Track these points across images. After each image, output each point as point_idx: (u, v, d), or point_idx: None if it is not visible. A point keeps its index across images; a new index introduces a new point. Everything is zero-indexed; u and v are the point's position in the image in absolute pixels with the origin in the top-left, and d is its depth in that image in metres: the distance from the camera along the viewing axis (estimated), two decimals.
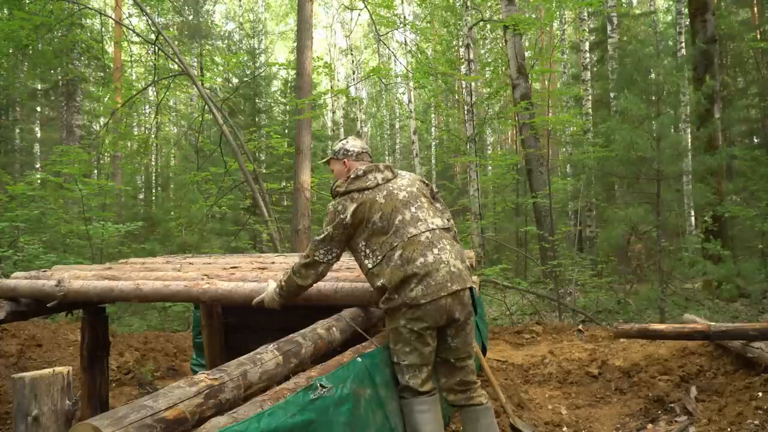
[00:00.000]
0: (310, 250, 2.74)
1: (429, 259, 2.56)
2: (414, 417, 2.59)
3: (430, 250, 2.59)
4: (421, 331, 2.56)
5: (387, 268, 2.59)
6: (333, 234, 2.69)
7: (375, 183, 2.71)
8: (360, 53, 27.71)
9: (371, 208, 2.65)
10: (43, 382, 2.02)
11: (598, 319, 7.70)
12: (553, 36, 21.25)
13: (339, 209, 2.69)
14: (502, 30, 13.23)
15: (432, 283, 2.53)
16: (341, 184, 2.75)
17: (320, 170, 15.72)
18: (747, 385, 3.99)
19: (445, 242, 2.65)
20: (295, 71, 10.42)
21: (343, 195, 2.72)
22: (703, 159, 8.47)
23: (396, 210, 2.65)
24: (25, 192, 8.38)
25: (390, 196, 2.69)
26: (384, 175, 2.75)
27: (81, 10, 11.61)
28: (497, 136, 27.56)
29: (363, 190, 2.69)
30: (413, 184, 2.79)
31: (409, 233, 2.60)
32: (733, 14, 15.23)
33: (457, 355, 2.69)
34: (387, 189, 2.71)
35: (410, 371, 2.60)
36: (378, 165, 2.78)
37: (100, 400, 3.86)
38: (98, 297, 3.29)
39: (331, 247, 2.71)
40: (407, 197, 2.70)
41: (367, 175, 2.72)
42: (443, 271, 2.56)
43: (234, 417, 1.67)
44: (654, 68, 8.00)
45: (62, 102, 15.11)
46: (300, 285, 2.76)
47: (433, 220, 2.69)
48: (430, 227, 2.65)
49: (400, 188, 2.73)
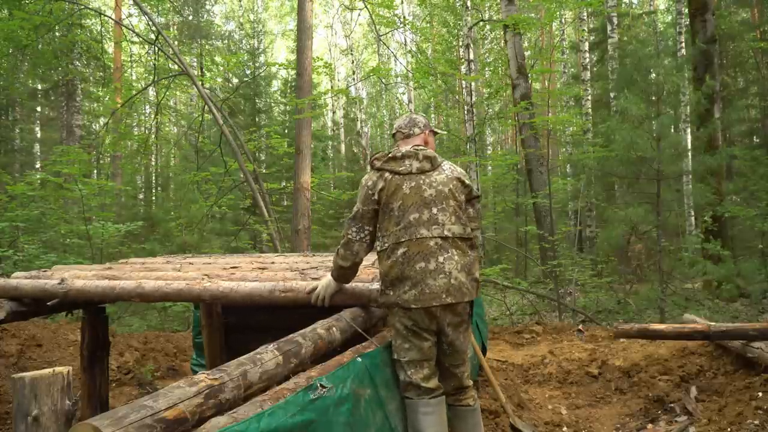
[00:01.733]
0: (345, 228, 2.73)
1: (430, 266, 2.53)
2: (418, 419, 2.56)
3: (435, 257, 2.55)
4: (416, 329, 2.58)
5: (388, 261, 2.59)
6: (363, 210, 2.67)
7: (408, 170, 2.65)
8: (360, 53, 27.71)
9: (394, 194, 2.62)
10: (43, 382, 2.02)
11: (598, 319, 7.70)
12: (553, 36, 21.26)
13: (369, 184, 2.67)
14: (502, 30, 13.23)
15: (426, 291, 2.51)
16: (379, 157, 2.73)
17: (320, 170, 15.70)
18: (747, 385, 3.99)
19: (454, 252, 2.58)
20: (295, 71, 10.42)
21: (376, 170, 2.70)
22: (703, 159, 8.47)
23: (415, 206, 2.60)
24: (25, 192, 8.37)
25: (417, 189, 2.62)
26: (421, 165, 2.66)
27: (81, 10, 11.61)
28: (497, 136, 27.56)
29: (395, 172, 2.65)
30: (448, 182, 2.68)
31: (419, 234, 2.56)
32: (733, 14, 15.22)
33: (450, 361, 2.69)
34: (416, 181, 2.64)
35: (411, 367, 2.60)
36: (418, 153, 2.68)
37: (100, 400, 3.86)
38: (99, 297, 3.29)
39: (363, 224, 2.67)
40: (433, 196, 2.62)
41: (404, 160, 2.67)
42: (441, 282, 2.52)
43: (234, 417, 1.67)
44: (654, 68, 8.00)
45: (62, 102, 15.12)
46: (342, 266, 2.73)
47: (452, 226, 2.61)
48: (444, 233, 2.58)
49: (431, 184, 2.64)
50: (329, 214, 14.36)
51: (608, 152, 8.77)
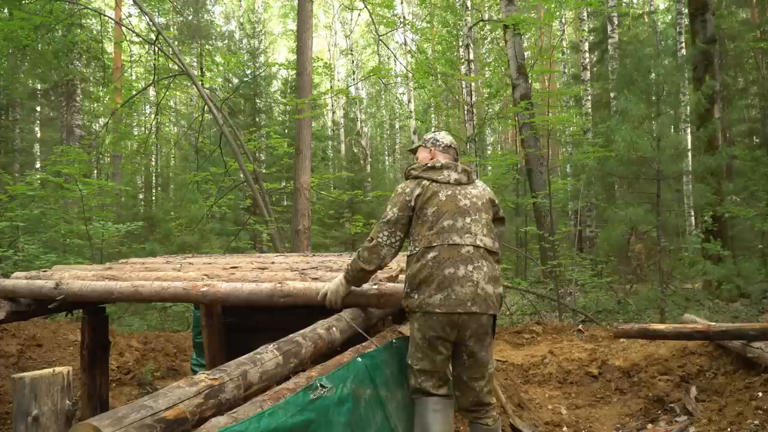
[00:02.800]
0: (375, 232, 2.72)
1: (459, 273, 2.55)
2: (427, 415, 2.58)
3: (465, 265, 2.56)
4: (432, 339, 2.58)
5: (417, 264, 2.61)
6: (398, 216, 2.69)
7: (446, 180, 2.71)
8: (360, 53, 27.71)
9: (430, 200, 2.66)
10: (43, 382, 2.02)
11: (598, 319, 7.69)
12: (553, 36, 21.25)
13: (406, 191, 2.71)
14: (502, 30, 13.22)
15: (452, 296, 2.52)
16: (417, 167, 2.77)
17: (320, 170, 15.69)
18: (747, 385, 3.99)
19: (484, 263, 2.61)
20: (295, 71, 10.41)
21: (414, 178, 2.75)
22: (703, 159, 8.47)
23: (449, 213, 2.63)
24: (25, 192, 8.37)
25: (452, 198, 2.67)
26: (459, 176, 2.74)
27: (81, 10, 11.61)
28: (497, 136, 27.57)
29: (432, 181, 2.70)
30: (482, 197, 2.75)
31: (452, 240, 2.59)
32: (733, 14, 15.21)
33: (470, 374, 2.66)
34: (453, 190, 2.70)
35: (422, 375, 2.63)
36: (457, 165, 2.76)
37: (100, 400, 3.86)
38: (100, 297, 3.29)
39: (395, 230, 2.68)
40: (468, 206, 2.67)
41: (443, 170, 2.73)
42: (468, 290, 2.53)
43: (234, 417, 1.67)
44: (654, 68, 8.00)
45: (62, 102, 15.12)
46: (363, 269, 2.71)
47: (483, 238, 2.65)
48: (476, 243, 2.61)
49: (466, 196, 2.70)
50: (329, 214, 14.34)
51: (608, 152, 8.77)
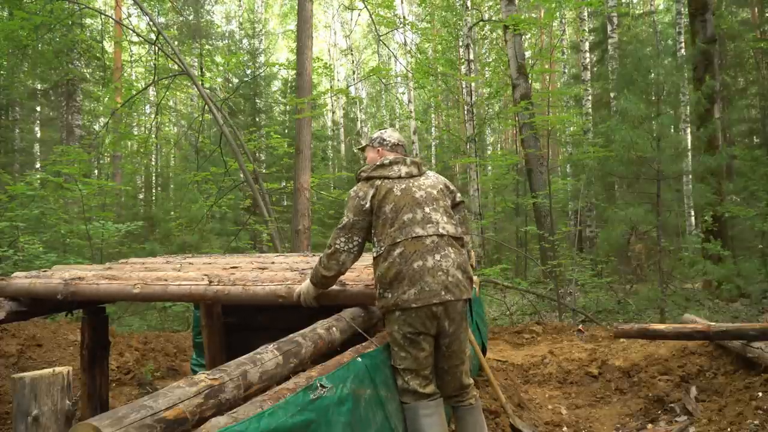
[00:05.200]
0: (332, 238, 2.71)
1: (428, 264, 2.54)
2: (419, 421, 2.57)
3: (432, 255, 2.56)
4: (414, 336, 2.57)
5: (384, 263, 2.59)
6: (354, 221, 2.67)
7: (397, 175, 2.70)
8: (360, 53, 27.70)
9: (386, 198, 2.64)
10: (43, 382, 2.02)
11: (598, 319, 7.69)
12: (553, 36, 21.24)
13: (360, 195, 2.69)
14: (502, 30, 13.22)
15: (426, 288, 2.52)
16: (366, 169, 2.77)
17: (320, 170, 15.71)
18: (747, 385, 3.99)
19: (450, 250, 2.60)
20: (295, 71, 10.41)
21: (365, 180, 2.74)
22: (703, 159, 8.47)
23: (408, 206, 2.62)
24: (25, 192, 8.37)
25: (407, 191, 2.66)
26: (409, 169, 2.73)
27: (81, 10, 11.61)
28: (497, 136, 27.56)
29: (384, 178, 2.69)
30: (436, 186, 2.75)
31: (414, 233, 2.57)
32: (733, 14, 15.22)
33: (450, 363, 2.69)
34: (407, 184, 2.69)
35: (408, 374, 2.60)
36: (405, 159, 2.77)
37: (100, 400, 3.86)
38: (101, 298, 3.29)
39: (352, 234, 2.67)
40: (424, 197, 2.67)
41: (392, 166, 2.72)
42: (439, 279, 2.53)
43: (234, 417, 1.67)
44: (654, 68, 8.00)
45: (62, 102, 15.10)
46: (324, 275, 2.72)
47: (446, 225, 2.65)
48: (439, 232, 2.61)
49: (420, 187, 2.70)
50: (329, 214, 14.34)
51: (608, 152, 8.77)
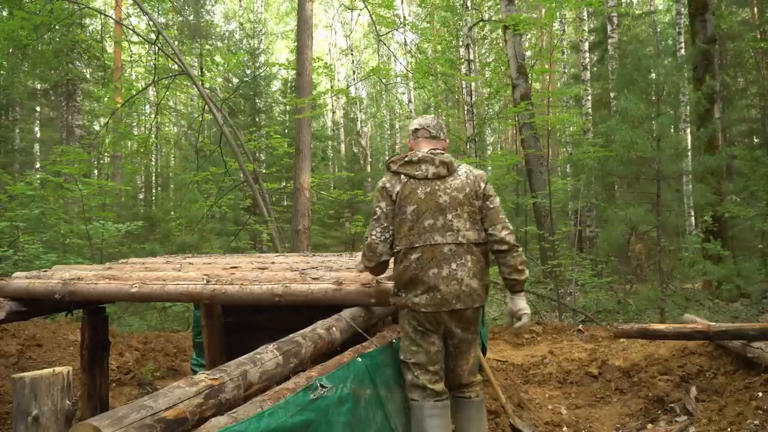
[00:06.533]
0: (368, 231, 2.72)
1: (443, 272, 2.57)
2: (424, 421, 2.58)
3: (448, 263, 2.58)
4: (423, 330, 2.63)
5: (401, 264, 2.63)
6: (386, 210, 2.67)
7: (424, 175, 2.66)
8: (360, 53, 27.70)
9: (409, 197, 2.63)
10: (43, 382, 2.02)
11: (598, 319, 7.69)
12: (553, 36, 21.24)
13: (387, 186, 2.69)
14: (502, 30, 13.22)
15: (438, 296, 2.56)
16: (396, 160, 2.74)
17: (320, 170, 15.69)
18: (747, 385, 3.99)
19: (468, 258, 2.61)
20: (295, 71, 10.41)
21: (393, 173, 2.72)
22: (703, 159, 8.47)
23: (429, 212, 2.61)
24: (25, 192, 8.37)
25: (431, 195, 2.63)
26: (437, 170, 2.67)
27: (81, 10, 11.60)
28: (497, 136, 27.56)
29: (411, 176, 2.67)
30: (463, 188, 2.66)
31: (433, 240, 2.59)
32: (733, 14, 15.21)
33: (455, 362, 2.74)
34: (432, 186, 2.65)
35: (417, 369, 2.64)
36: (434, 158, 2.68)
37: (100, 400, 3.86)
38: (100, 297, 3.30)
39: (387, 224, 2.67)
40: (448, 202, 2.63)
41: (420, 164, 2.68)
42: (452, 288, 2.57)
43: (234, 417, 1.67)
44: (654, 68, 8.00)
45: (62, 102, 15.11)
46: (367, 266, 2.75)
47: (466, 232, 2.62)
48: (458, 240, 2.60)
49: (446, 190, 2.65)
50: (329, 214, 14.34)
51: (608, 152, 8.77)
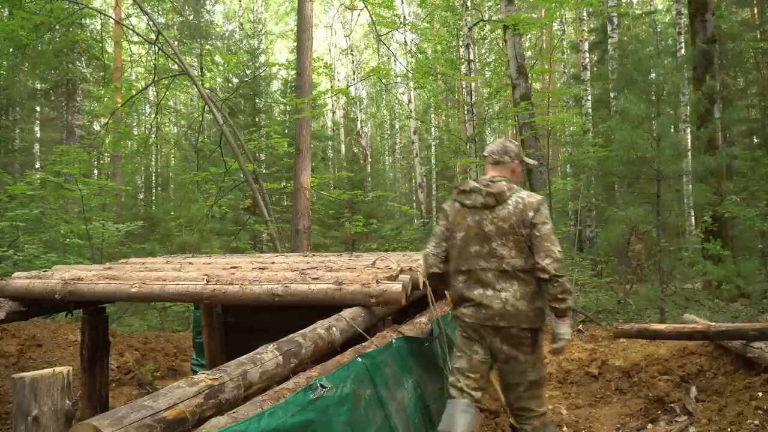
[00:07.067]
0: (427, 242, 3.03)
1: (488, 293, 2.73)
2: (456, 414, 2.67)
3: (493, 286, 2.73)
4: (467, 337, 2.79)
5: (453, 283, 2.89)
6: (442, 229, 2.96)
7: (473, 204, 2.84)
8: (360, 53, 27.69)
9: (459, 224, 2.84)
10: (43, 382, 2.02)
11: (598, 319, 7.69)
12: (553, 36, 21.24)
13: (447, 209, 2.97)
14: (502, 30, 13.22)
15: (483, 311, 2.73)
16: (455, 188, 2.98)
17: (320, 170, 15.69)
18: (747, 385, 3.99)
19: (514, 282, 2.72)
20: (295, 71, 10.42)
21: (452, 200, 2.97)
22: (703, 159, 8.45)
23: (476, 239, 2.78)
24: (25, 192, 8.37)
25: (479, 224, 2.80)
26: (485, 200, 2.81)
27: (81, 10, 11.60)
28: (497, 136, 27.55)
29: (463, 204, 2.86)
30: (509, 218, 2.75)
31: (479, 265, 2.76)
32: (733, 14, 15.20)
33: (507, 379, 2.82)
34: (480, 215, 2.81)
35: (458, 374, 2.78)
36: (482, 189, 2.82)
37: (100, 400, 3.86)
38: (99, 297, 3.29)
39: (440, 240, 2.95)
40: (494, 232, 2.76)
41: (471, 194, 2.86)
42: (497, 306, 2.70)
43: (234, 417, 1.67)
44: (654, 68, 7.99)
45: (62, 102, 15.11)
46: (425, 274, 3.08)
47: (511, 260, 2.73)
48: (502, 267, 2.73)
49: (492, 220, 2.78)
50: (329, 214, 14.34)
51: (608, 152, 8.77)
